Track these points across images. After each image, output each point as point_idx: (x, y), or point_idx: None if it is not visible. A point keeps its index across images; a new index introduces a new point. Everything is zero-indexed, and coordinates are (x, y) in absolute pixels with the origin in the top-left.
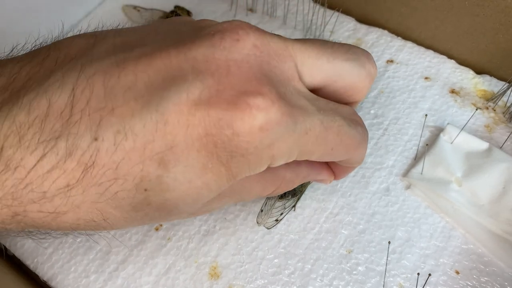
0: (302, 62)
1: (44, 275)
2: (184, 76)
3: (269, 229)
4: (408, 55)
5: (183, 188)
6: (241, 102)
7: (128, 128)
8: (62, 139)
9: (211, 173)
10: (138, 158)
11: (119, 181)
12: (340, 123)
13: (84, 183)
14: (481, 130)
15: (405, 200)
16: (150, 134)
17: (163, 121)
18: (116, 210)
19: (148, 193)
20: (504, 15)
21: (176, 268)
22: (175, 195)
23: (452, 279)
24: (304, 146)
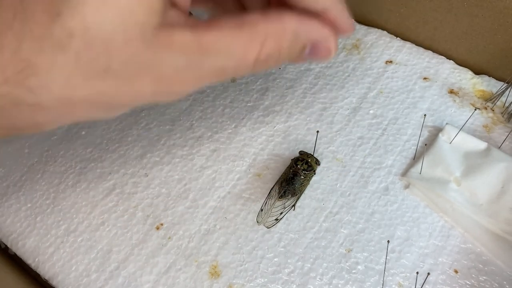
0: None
1: (45, 274)
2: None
3: (269, 228)
4: (407, 56)
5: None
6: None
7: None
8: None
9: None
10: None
11: (28, 12)
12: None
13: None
14: (480, 130)
15: (404, 199)
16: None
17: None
18: (40, 56)
19: (63, 18)
20: (502, 16)
21: (176, 267)
22: (92, 11)
23: (451, 278)
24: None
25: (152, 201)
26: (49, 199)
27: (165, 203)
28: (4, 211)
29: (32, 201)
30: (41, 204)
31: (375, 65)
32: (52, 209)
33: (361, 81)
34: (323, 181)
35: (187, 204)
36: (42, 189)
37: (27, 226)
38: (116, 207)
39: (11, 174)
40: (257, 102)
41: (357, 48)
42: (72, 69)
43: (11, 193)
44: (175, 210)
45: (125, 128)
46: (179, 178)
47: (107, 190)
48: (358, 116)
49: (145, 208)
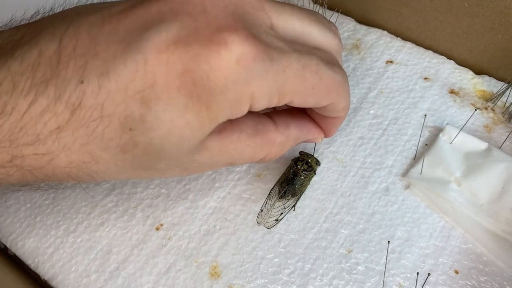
0: (276, 17)
1: (45, 274)
2: (162, 18)
3: (269, 228)
4: (407, 56)
5: (166, 126)
6: (217, 37)
7: (111, 70)
8: (51, 83)
9: (192, 112)
10: (121, 98)
11: (105, 120)
12: (317, 62)
13: (73, 124)
14: (480, 130)
15: (404, 200)
16: (131, 74)
17: (143, 61)
18: (105, 152)
19: (133, 133)
20: (503, 16)
21: (176, 268)
22: (159, 134)
23: (451, 279)
24: (284, 85)
25: (152, 201)
26: (49, 199)
27: (165, 203)
28: (3, 211)
29: (31, 201)
30: (41, 205)
31: (375, 65)
32: (51, 210)
33: (361, 81)
34: (323, 182)
35: (187, 205)
36: (41, 189)
37: (26, 227)
38: (115, 208)
39: None
40: None
41: (357, 48)
42: (126, 164)
43: (11, 193)
44: (175, 210)
45: None
46: (178, 178)
47: (107, 191)
48: (358, 116)
49: (144, 209)
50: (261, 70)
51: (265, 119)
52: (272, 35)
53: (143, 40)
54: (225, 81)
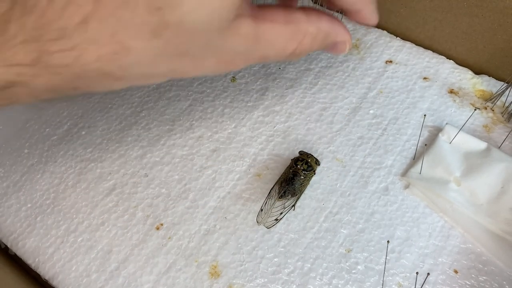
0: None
1: (46, 274)
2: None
3: (269, 228)
4: (407, 56)
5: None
6: None
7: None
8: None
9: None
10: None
11: (131, 4)
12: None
13: (98, 14)
14: (480, 130)
15: (404, 199)
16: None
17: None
18: (136, 40)
19: (163, 12)
20: (502, 16)
21: (176, 267)
22: (188, 8)
23: (451, 278)
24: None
25: (152, 201)
26: (49, 199)
27: (165, 203)
28: (4, 211)
29: (32, 201)
30: (41, 204)
31: (375, 65)
32: (52, 209)
33: (361, 81)
34: (323, 181)
35: (187, 204)
36: (42, 189)
37: (27, 226)
38: (116, 207)
39: (11, 174)
40: (257, 102)
41: (357, 48)
42: (160, 52)
43: (11, 193)
44: (175, 210)
45: (125, 128)
46: (179, 178)
47: (107, 190)
48: (358, 116)
49: (145, 208)
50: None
51: (297, 11)
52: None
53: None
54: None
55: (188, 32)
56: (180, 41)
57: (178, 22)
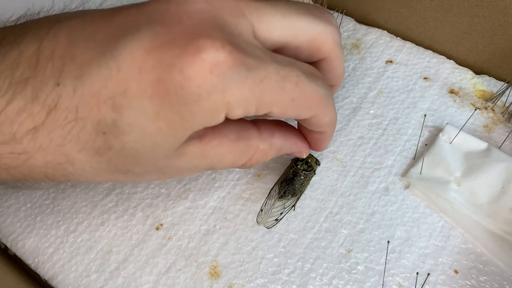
0: (258, 21)
1: (45, 274)
2: (138, 26)
3: (269, 228)
4: (407, 56)
5: (138, 132)
6: (191, 47)
7: (86, 74)
8: (29, 83)
9: (164, 120)
10: (94, 102)
11: (80, 123)
12: (298, 73)
13: (48, 125)
14: (480, 130)
15: (404, 199)
16: (104, 79)
17: (116, 67)
18: (80, 154)
19: (107, 137)
20: (503, 16)
21: (176, 268)
22: (132, 138)
23: (451, 279)
24: (261, 96)
25: (152, 201)
26: (49, 199)
27: (165, 203)
28: (3, 211)
29: (31, 201)
30: (41, 204)
31: (375, 65)
32: (51, 209)
33: (361, 81)
34: (323, 181)
35: (187, 205)
36: (41, 189)
37: (26, 227)
38: (115, 207)
39: None
40: None
41: (357, 48)
42: (102, 167)
43: (11, 193)
44: (175, 210)
45: None
46: (178, 178)
47: (107, 190)
48: (358, 116)
49: (144, 208)
50: (237, 80)
51: (249, 125)
52: (253, 44)
53: (118, 47)
54: (198, 91)
55: (130, 156)
56: (123, 162)
57: (121, 147)
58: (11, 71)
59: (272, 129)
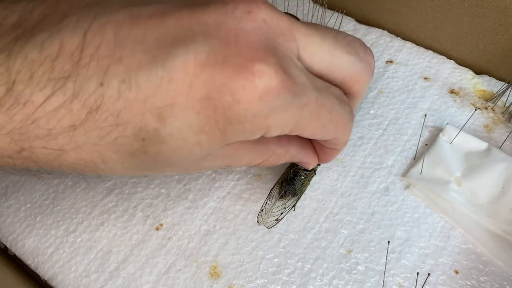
0: (304, 47)
1: (45, 274)
2: (193, 37)
3: (269, 228)
4: (407, 56)
5: (177, 143)
6: (245, 71)
7: (133, 79)
8: (71, 80)
9: (206, 135)
10: (138, 109)
11: (120, 127)
12: (333, 101)
13: (87, 125)
14: (480, 130)
15: (404, 200)
16: (153, 88)
17: (167, 78)
18: (115, 154)
19: (145, 143)
20: (503, 16)
21: (176, 268)
22: (170, 147)
23: (451, 279)
24: (299, 121)
25: (151, 201)
26: (49, 199)
27: (165, 203)
28: (3, 211)
29: (31, 201)
30: (41, 205)
31: (375, 65)
32: (51, 210)
33: None
34: (323, 182)
35: (186, 205)
36: (41, 189)
37: (26, 227)
38: (115, 208)
39: (10, 175)
40: None
41: None
42: (133, 166)
43: (11, 193)
44: (175, 210)
45: None
46: (178, 178)
47: (107, 190)
48: (358, 116)
49: (144, 209)
50: (282, 106)
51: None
52: (299, 68)
53: (170, 56)
54: (245, 114)
55: (163, 160)
56: (154, 164)
57: (156, 154)
58: (51, 64)
59: (290, 138)
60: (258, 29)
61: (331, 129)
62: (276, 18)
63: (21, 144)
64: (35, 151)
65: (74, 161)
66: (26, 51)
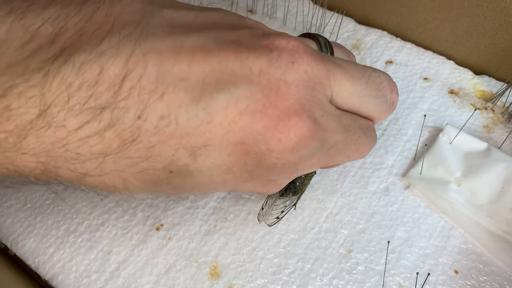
0: (337, 93)
1: (46, 274)
2: (236, 83)
3: (270, 226)
4: (407, 56)
5: (204, 179)
6: (281, 124)
7: (173, 117)
8: (108, 109)
9: (233, 175)
10: (173, 145)
11: (150, 160)
12: (360, 134)
13: (118, 154)
14: (480, 130)
15: (404, 200)
16: (192, 128)
17: (206, 120)
18: (138, 181)
19: (172, 175)
20: (503, 16)
21: (176, 268)
22: (195, 182)
23: (451, 279)
24: (325, 160)
25: (152, 201)
26: (49, 199)
27: (165, 203)
28: (4, 211)
29: (32, 201)
30: (41, 205)
31: (375, 65)
32: (52, 210)
33: None
34: (323, 182)
35: (187, 205)
36: (42, 189)
37: (27, 227)
38: (116, 208)
39: None
40: None
41: (357, 49)
42: (150, 190)
43: (11, 194)
44: (175, 210)
45: None
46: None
47: None
48: None
49: (145, 209)
50: (311, 154)
51: None
52: (330, 112)
53: (212, 100)
54: (275, 161)
55: (182, 190)
56: (172, 191)
57: (179, 185)
58: (89, 90)
59: None
60: (299, 80)
61: (355, 157)
62: (316, 68)
63: (47, 165)
64: (60, 172)
65: (96, 183)
66: (64, 73)
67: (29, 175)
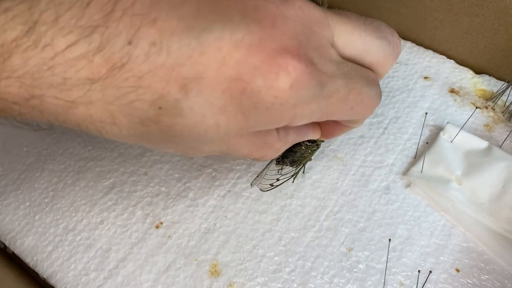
0: (338, 35)
1: (44, 273)
2: (231, 15)
3: (263, 191)
4: (407, 55)
5: (195, 119)
6: (280, 58)
7: (164, 45)
8: (99, 31)
9: (227, 116)
10: (163, 76)
11: (139, 90)
12: (363, 83)
13: (106, 81)
14: (481, 129)
15: (405, 198)
16: (183, 58)
17: (199, 51)
18: (125, 117)
19: (161, 112)
20: (503, 16)
21: (176, 266)
22: (185, 122)
23: (453, 277)
24: (326, 108)
25: (151, 199)
26: (48, 197)
27: (165, 201)
28: (2, 209)
29: (30, 199)
30: (40, 203)
31: None
32: (51, 208)
33: None
34: (324, 180)
35: (187, 203)
36: (40, 187)
37: (25, 225)
38: (115, 206)
39: (9, 173)
40: None
41: None
42: (138, 134)
43: (10, 192)
44: (175, 208)
45: None
46: (178, 176)
47: (106, 189)
48: None
49: (144, 207)
50: (310, 96)
51: None
52: (332, 56)
53: (206, 30)
54: (273, 101)
55: (170, 135)
56: (160, 137)
57: (167, 126)
58: (80, 10)
59: (287, 129)
60: (296, 15)
61: (359, 110)
62: (311, 6)
63: (32, 90)
64: (45, 100)
65: (82, 117)
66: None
67: (14, 103)
